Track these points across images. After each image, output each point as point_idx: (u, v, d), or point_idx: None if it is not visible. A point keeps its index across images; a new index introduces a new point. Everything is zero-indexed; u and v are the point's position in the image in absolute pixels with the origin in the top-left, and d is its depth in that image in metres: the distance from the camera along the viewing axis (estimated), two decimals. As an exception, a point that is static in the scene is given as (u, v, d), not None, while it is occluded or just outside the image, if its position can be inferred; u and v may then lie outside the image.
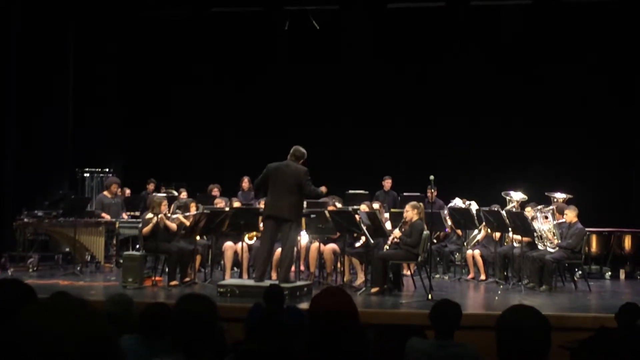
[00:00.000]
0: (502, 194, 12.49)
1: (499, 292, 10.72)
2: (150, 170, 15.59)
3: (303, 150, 9.87)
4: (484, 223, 11.98)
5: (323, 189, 10.08)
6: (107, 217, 12.87)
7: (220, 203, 12.87)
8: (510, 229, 11.31)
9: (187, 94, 16.68)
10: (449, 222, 12.61)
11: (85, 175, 15.30)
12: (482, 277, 12.01)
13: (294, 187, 9.58)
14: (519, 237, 11.33)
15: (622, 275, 13.02)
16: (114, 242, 13.15)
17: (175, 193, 14.36)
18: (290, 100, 16.30)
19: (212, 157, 16.77)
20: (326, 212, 10.67)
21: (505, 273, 11.70)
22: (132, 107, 16.79)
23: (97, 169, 15.43)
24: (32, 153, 14.62)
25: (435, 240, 12.21)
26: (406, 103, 15.94)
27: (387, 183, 14.74)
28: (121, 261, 11.23)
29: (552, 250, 11.00)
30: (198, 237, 11.31)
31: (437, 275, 12.31)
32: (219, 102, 16.70)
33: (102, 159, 15.84)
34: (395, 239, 10.32)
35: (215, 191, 13.79)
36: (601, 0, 14.95)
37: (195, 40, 16.39)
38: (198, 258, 11.34)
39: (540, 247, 11.19)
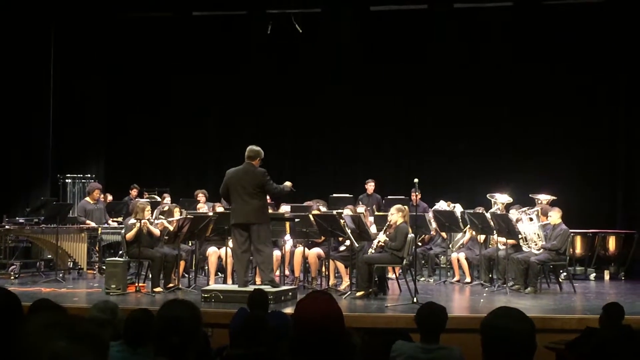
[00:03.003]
0: (488, 196, 12.51)
1: (484, 294, 10.72)
2: (132, 175, 15.52)
3: (257, 148, 9.76)
4: (468, 225, 11.99)
5: (288, 184, 9.94)
6: (91, 224, 12.79)
7: (203, 208, 12.83)
8: (494, 231, 11.32)
9: (169, 98, 16.62)
10: (434, 225, 12.61)
11: (67, 181, 15.20)
12: (467, 279, 12.02)
13: (255, 191, 9.49)
14: (503, 239, 11.34)
15: (606, 276, 13.07)
16: (97, 248, 13.07)
17: (158, 198, 14.29)
18: (273, 104, 16.27)
19: (195, 162, 16.73)
20: (310, 216, 10.64)
21: (490, 275, 11.70)
22: (114, 112, 16.71)
23: (78, 175, 15.33)
24: (13, 159, 14.53)
25: (420, 243, 12.21)
26: (389, 105, 15.95)
27: (370, 186, 14.70)
28: (104, 267, 11.15)
29: (536, 252, 11.02)
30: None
31: (423, 278, 12.31)
32: (202, 107, 16.66)
33: (84, 165, 15.75)
34: (380, 243, 10.30)
35: (201, 196, 13.74)
36: (581, 2, 15.04)
37: (177, 45, 16.33)
38: (182, 263, 11.28)
39: (525, 249, 11.21)
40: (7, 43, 14.37)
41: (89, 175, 15.39)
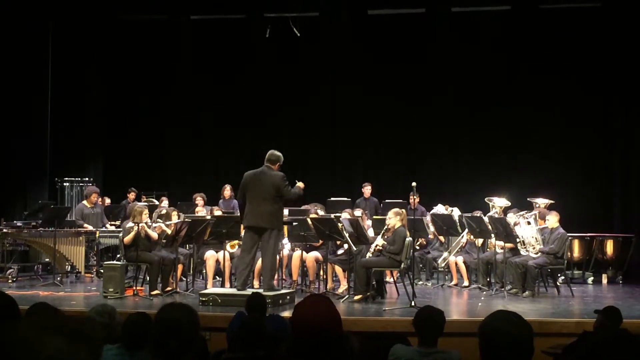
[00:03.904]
0: (486, 199, 12.51)
1: (482, 298, 10.73)
2: (130, 179, 15.52)
3: (278, 153, 9.77)
4: (466, 229, 11.98)
5: (300, 184, 9.93)
6: (89, 227, 12.79)
7: (201, 211, 12.83)
8: (492, 234, 11.32)
9: (167, 101, 16.62)
10: (432, 229, 12.61)
11: (64, 184, 15.20)
12: (465, 283, 12.02)
13: (272, 195, 9.46)
14: (501, 243, 11.34)
15: (604, 280, 13.09)
16: (95, 251, 13.06)
17: (156, 202, 14.29)
18: (271, 107, 16.28)
19: (192, 165, 16.71)
20: (308, 219, 10.64)
21: (488, 279, 11.71)
22: (111, 116, 16.71)
23: (76, 178, 15.32)
24: (11, 162, 14.52)
25: (417, 247, 12.21)
26: (387, 108, 15.95)
27: (367, 190, 14.70)
28: (102, 271, 11.14)
29: (534, 256, 11.02)
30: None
31: (420, 282, 12.31)
32: (200, 110, 16.65)
33: (82, 168, 15.74)
34: (378, 247, 10.30)
35: (199, 200, 13.74)
36: (578, 6, 15.06)
37: (176, 48, 16.34)
38: (180, 267, 11.26)
39: (522, 252, 11.21)
40: (4, 45, 14.36)
41: (87, 179, 15.39)
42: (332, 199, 14.04)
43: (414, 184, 10.12)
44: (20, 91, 14.68)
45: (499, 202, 12.30)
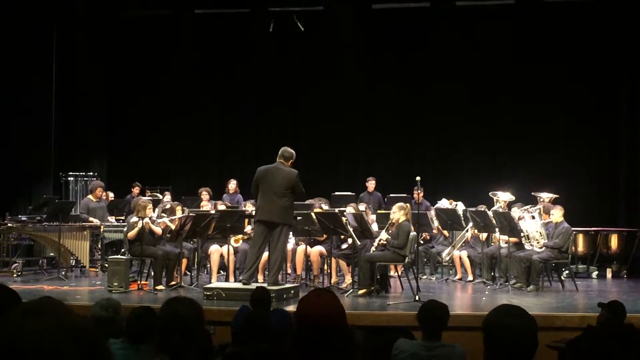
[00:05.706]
0: (490, 194, 12.50)
1: (486, 292, 10.72)
2: (134, 173, 15.52)
3: (291, 150, 9.79)
4: (471, 224, 11.97)
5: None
6: (96, 221, 12.80)
7: (207, 206, 12.84)
8: (497, 229, 11.31)
9: (170, 96, 16.60)
10: (436, 223, 12.59)
11: (69, 179, 15.22)
12: (470, 277, 12.01)
13: (285, 190, 9.48)
14: (505, 237, 11.33)
15: (608, 274, 13.07)
16: (99, 246, 13.08)
17: (160, 196, 14.29)
18: (275, 102, 16.27)
19: (196, 159, 16.71)
20: (312, 214, 10.64)
21: (492, 273, 11.69)
22: (115, 110, 16.72)
23: (81, 173, 15.34)
24: (15, 157, 14.54)
25: (422, 241, 12.20)
26: (392, 103, 15.94)
27: (371, 184, 14.66)
28: (106, 265, 11.16)
29: (539, 250, 11.01)
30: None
31: (425, 276, 12.31)
32: (204, 105, 16.65)
33: (86, 163, 15.76)
34: (382, 242, 10.29)
35: (205, 194, 13.73)
36: (583, 0, 15.02)
37: (179, 42, 16.33)
38: (184, 261, 11.27)
39: (527, 247, 11.20)
40: (9, 41, 14.38)
41: (91, 174, 15.41)
42: (336, 193, 14.03)
43: (418, 178, 10.11)
44: (25, 87, 14.69)
45: (503, 197, 12.29)
